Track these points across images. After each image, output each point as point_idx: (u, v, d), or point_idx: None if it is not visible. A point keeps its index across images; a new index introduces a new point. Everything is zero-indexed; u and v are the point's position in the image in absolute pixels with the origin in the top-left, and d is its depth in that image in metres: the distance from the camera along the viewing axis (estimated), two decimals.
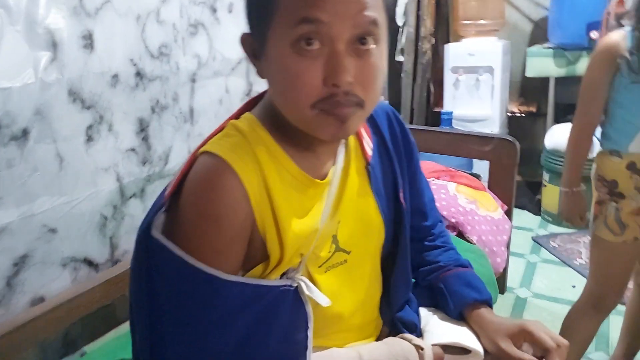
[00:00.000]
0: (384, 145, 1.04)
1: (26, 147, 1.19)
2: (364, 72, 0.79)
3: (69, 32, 1.26)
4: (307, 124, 0.82)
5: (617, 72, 1.50)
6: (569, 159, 1.70)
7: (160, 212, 0.85)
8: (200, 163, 0.83)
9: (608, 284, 1.70)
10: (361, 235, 1.00)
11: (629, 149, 1.54)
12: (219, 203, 0.80)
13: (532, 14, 3.83)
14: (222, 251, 0.82)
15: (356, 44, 0.78)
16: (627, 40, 1.47)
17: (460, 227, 1.99)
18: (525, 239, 3.21)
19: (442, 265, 1.13)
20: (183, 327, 0.82)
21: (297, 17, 0.75)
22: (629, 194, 1.57)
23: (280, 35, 0.77)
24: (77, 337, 1.43)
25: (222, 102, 1.80)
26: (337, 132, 0.82)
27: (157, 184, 1.57)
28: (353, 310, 1.01)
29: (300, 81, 0.77)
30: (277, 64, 0.79)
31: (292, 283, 0.88)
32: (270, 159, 0.86)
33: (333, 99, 0.78)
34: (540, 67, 3.34)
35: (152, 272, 0.84)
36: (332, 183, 0.93)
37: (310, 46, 0.76)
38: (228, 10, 1.76)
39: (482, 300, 1.07)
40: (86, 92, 1.32)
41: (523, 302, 2.57)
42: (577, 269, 2.81)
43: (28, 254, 1.23)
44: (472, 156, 2.39)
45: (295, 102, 0.80)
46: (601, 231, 1.65)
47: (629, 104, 1.51)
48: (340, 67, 0.76)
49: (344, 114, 0.79)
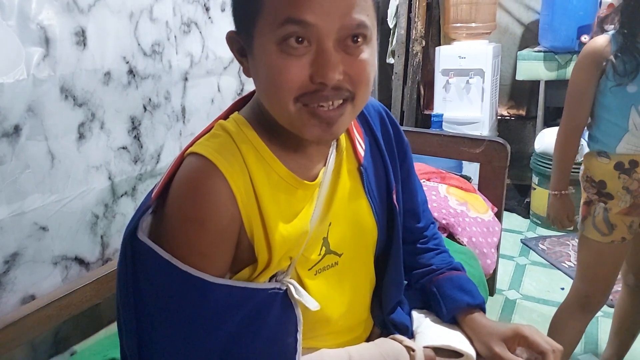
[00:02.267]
0: (376, 146, 1.03)
1: (18, 144, 1.18)
2: (353, 67, 0.78)
3: (61, 28, 1.25)
4: (291, 121, 0.80)
5: (603, 76, 1.51)
6: (556, 162, 1.71)
7: (147, 213, 0.84)
8: (187, 164, 0.83)
9: (596, 284, 1.71)
10: (353, 238, 0.99)
11: (616, 150, 1.55)
12: (205, 206, 0.79)
13: (523, 17, 3.85)
14: (208, 254, 0.81)
15: (347, 40, 0.77)
16: (612, 43, 1.49)
17: (450, 229, 2.00)
18: (514, 241, 3.23)
19: (434, 268, 1.12)
20: (170, 330, 0.82)
21: (283, 17, 0.73)
22: (617, 194, 1.58)
23: (266, 33, 0.76)
24: (67, 336, 1.42)
25: (214, 101, 1.80)
26: (323, 134, 0.81)
27: (149, 182, 1.56)
28: (343, 313, 1.00)
29: (284, 76, 0.76)
30: (262, 62, 0.78)
31: (280, 286, 0.87)
32: (257, 160, 0.85)
33: (318, 94, 0.77)
34: (531, 71, 3.35)
35: (138, 274, 0.83)
36: (322, 184, 0.92)
37: (297, 44, 0.75)
38: (221, 9, 1.76)
39: (476, 305, 1.06)
40: (78, 89, 1.31)
41: (512, 303, 2.58)
42: (565, 272, 2.82)
43: (19, 252, 1.22)
44: (463, 158, 2.39)
45: (279, 97, 0.78)
46: (589, 232, 1.66)
47: (615, 107, 1.52)
48: (327, 64, 0.75)
49: (329, 117, 0.78)
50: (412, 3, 3.52)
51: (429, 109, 3.87)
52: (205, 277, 0.79)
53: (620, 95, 1.49)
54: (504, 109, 4.01)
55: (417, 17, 3.54)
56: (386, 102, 3.74)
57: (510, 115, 4.00)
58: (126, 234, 0.83)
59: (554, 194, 1.73)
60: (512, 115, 4.00)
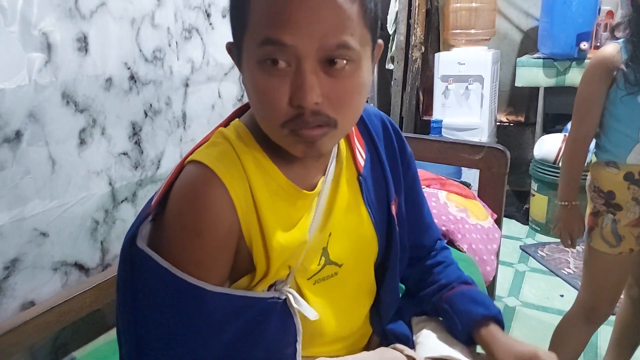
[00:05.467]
0: (377, 155, 1.02)
1: (19, 150, 1.18)
2: (335, 91, 0.75)
3: (63, 34, 1.25)
4: (280, 142, 0.80)
5: (613, 85, 1.49)
6: (565, 171, 1.68)
7: (146, 221, 0.83)
8: (187, 172, 0.82)
9: (602, 295, 1.69)
10: (353, 248, 0.98)
11: (626, 160, 1.53)
12: (204, 215, 0.79)
13: (522, 24, 3.86)
14: (206, 263, 0.81)
15: (327, 62, 0.74)
16: (622, 52, 1.47)
17: (450, 236, 2.00)
18: (513, 247, 3.23)
19: (444, 283, 1.09)
20: (169, 338, 0.81)
21: (262, 37, 0.72)
22: (626, 205, 1.56)
23: (250, 50, 0.75)
24: (67, 342, 1.42)
25: (214, 107, 1.80)
26: (307, 151, 0.79)
27: (149, 188, 1.56)
28: (341, 322, 0.99)
29: (268, 100, 0.75)
30: (248, 80, 0.78)
31: (280, 295, 0.86)
32: (257, 168, 0.84)
33: (300, 119, 0.75)
34: (530, 77, 3.36)
35: (137, 282, 0.82)
36: (321, 194, 0.91)
37: (275, 65, 0.73)
38: (222, 15, 1.76)
39: (491, 316, 1.01)
40: (80, 95, 1.31)
41: (512, 311, 2.58)
42: (565, 279, 2.82)
43: (19, 257, 1.22)
44: (463, 164, 2.39)
45: (267, 121, 0.79)
46: (597, 243, 1.63)
47: (625, 117, 1.50)
48: (304, 87, 0.72)
49: (311, 136, 0.77)
50: (412, 9, 3.53)
51: (428, 115, 3.88)
52: (203, 286, 0.79)
53: (631, 105, 1.47)
54: (503, 115, 4.02)
55: (417, 23, 3.54)
56: (385, 108, 3.74)
57: (509, 121, 4.01)
58: (125, 241, 0.83)
59: (563, 204, 1.69)
60: (511, 121, 4.01)
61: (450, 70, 3.50)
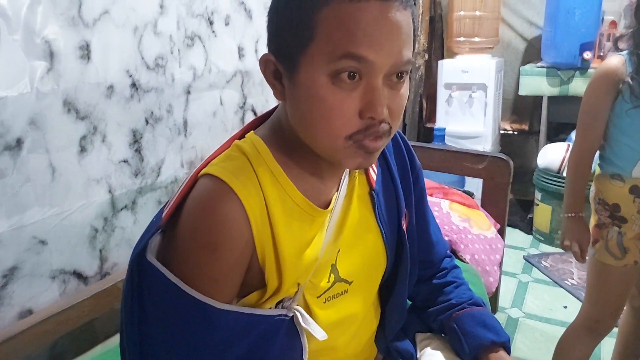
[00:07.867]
0: (388, 171, 1.01)
1: (19, 157, 1.18)
2: (395, 102, 0.78)
3: (66, 42, 1.25)
4: (336, 154, 0.80)
5: (619, 97, 1.48)
6: (570, 183, 1.66)
7: (156, 234, 0.82)
8: (202, 186, 0.80)
9: (606, 308, 1.67)
10: (363, 265, 0.96)
11: (632, 173, 1.52)
12: (219, 231, 0.77)
13: (526, 33, 3.85)
14: (219, 280, 0.79)
15: (392, 76, 0.77)
16: (627, 64, 1.45)
17: (453, 246, 1.99)
18: (516, 258, 3.21)
19: (454, 303, 1.07)
20: (175, 355, 0.80)
21: (341, 51, 0.72)
22: (632, 218, 1.55)
23: (317, 64, 0.74)
24: (64, 351, 1.41)
25: (216, 115, 1.79)
26: (363, 162, 0.81)
27: (149, 196, 1.55)
28: (348, 341, 0.98)
29: (336, 113, 0.75)
30: (310, 93, 0.76)
31: (287, 313, 0.85)
32: (273, 184, 0.83)
33: (370, 129, 0.77)
34: (533, 86, 3.35)
35: (144, 296, 0.81)
36: (334, 211, 0.90)
37: (351, 79, 0.74)
38: (225, 23, 1.76)
39: (500, 343, 1.00)
40: (81, 102, 1.30)
41: (515, 322, 2.56)
42: (568, 290, 2.80)
43: (17, 265, 1.21)
44: (466, 174, 2.38)
45: (329, 133, 0.77)
46: (602, 255, 1.62)
47: (631, 130, 1.49)
48: (379, 100, 0.75)
49: (374, 147, 0.79)
50: None
51: (431, 122, 3.87)
52: (213, 304, 0.77)
53: (637, 118, 1.46)
54: (506, 123, 4.01)
55: (420, 30, 3.54)
56: None
57: (513, 129, 4.00)
58: (134, 254, 0.81)
59: (569, 216, 1.66)
60: (514, 129, 4.00)
61: (454, 78, 3.50)
